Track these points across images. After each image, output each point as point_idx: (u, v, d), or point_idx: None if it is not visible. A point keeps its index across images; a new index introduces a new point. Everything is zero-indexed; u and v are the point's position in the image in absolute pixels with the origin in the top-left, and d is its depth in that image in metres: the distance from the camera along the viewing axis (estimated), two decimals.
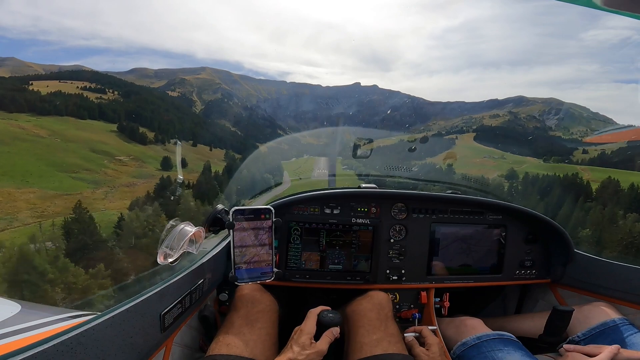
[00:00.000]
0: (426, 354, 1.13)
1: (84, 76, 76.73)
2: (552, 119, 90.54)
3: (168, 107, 72.43)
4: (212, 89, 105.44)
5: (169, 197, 34.29)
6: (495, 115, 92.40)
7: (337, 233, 1.50)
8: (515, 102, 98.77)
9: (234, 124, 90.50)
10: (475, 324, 1.32)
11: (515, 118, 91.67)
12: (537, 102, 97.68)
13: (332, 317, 1.05)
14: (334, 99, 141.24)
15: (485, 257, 1.64)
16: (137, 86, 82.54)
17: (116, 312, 0.74)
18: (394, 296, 1.57)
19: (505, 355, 1.11)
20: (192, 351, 1.19)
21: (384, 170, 2.37)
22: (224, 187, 37.26)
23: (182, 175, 40.17)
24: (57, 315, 1.05)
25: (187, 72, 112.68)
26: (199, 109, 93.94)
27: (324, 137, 7.98)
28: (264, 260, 1.06)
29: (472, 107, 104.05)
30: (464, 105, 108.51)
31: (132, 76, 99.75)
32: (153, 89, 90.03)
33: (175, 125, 59.04)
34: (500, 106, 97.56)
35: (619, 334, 1.19)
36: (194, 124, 67.01)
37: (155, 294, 0.87)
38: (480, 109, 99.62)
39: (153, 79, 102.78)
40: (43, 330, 0.93)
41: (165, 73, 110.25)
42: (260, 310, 1.13)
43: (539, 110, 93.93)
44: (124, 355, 0.76)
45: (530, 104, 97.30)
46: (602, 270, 1.48)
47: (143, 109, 61.01)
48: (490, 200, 1.63)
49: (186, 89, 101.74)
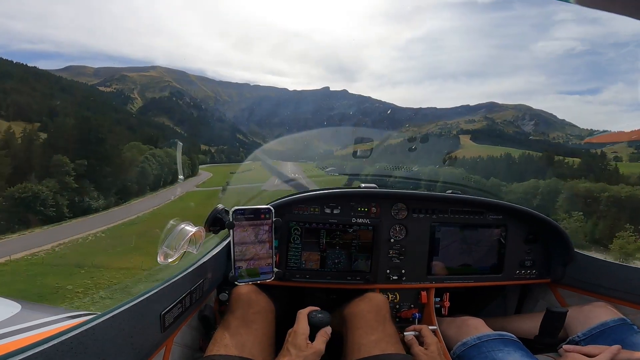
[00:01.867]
0: (425, 353, 1.13)
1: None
2: (527, 124, 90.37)
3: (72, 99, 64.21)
4: (158, 87, 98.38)
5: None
6: (471, 121, 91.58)
7: (337, 233, 1.50)
8: (488, 107, 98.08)
9: (177, 123, 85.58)
10: (476, 324, 1.31)
11: (493, 123, 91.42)
12: (509, 108, 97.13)
13: (322, 317, 1.06)
14: (302, 103, 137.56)
15: (486, 257, 1.64)
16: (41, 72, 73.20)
17: (116, 312, 0.74)
18: (394, 296, 1.57)
19: (506, 356, 1.11)
20: (192, 351, 1.19)
21: (379, 170, 2.37)
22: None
23: (182, 175, 40.02)
24: (57, 315, 1.06)
25: (132, 70, 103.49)
26: (138, 106, 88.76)
27: (291, 143, 7.91)
28: (264, 260, 1.06)
29: (444, 113, 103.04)
30: (436, 112, 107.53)
31: (66, 73, 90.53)
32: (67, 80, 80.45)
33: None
34: (473, 112, 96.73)
35: (619, 334, 1.19)
36: (117, 120, 61.49)
37: (155, 293, 0.87)
38: (454, 114, 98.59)
39: (91, 78, 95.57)
40: (43, 330, 0.94)
41: (107, 71, 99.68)
42: (256, 312, 1.14)
43: (512, 115, 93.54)
44: (124, 355, 0.76)
45: (503, 109, 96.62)
46: (602, 270, 1.48)
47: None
48: (491, 200, 1.63)
49: (126, 86, 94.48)
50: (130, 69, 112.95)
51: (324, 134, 9.72)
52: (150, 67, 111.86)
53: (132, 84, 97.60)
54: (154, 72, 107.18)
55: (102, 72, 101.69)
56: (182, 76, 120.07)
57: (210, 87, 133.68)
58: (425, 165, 3.49)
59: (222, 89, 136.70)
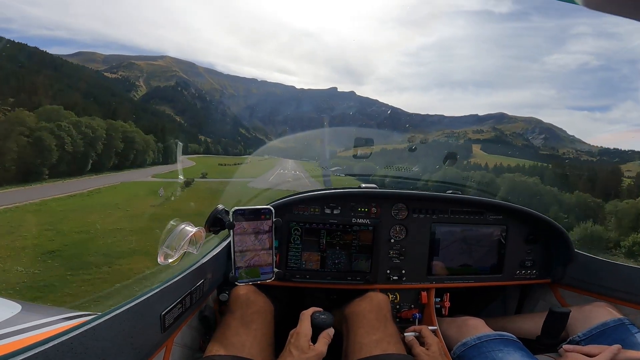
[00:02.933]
0: (426, 353, 1.13)
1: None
2: (537, 138, 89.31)
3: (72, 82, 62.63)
4: (165, 76, 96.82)
5: None
6: (479, 131, 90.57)
7: (338, 233, 1.50)
8: (497, 118, 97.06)
9: (178, 112, 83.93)
10: (476, 324, 1.31)
11: (502, 134, 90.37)
12: (518, 120, 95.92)
13: (325, 318, 1.05)
14: (308, 101, 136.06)
15: (486, 257, 1.64)
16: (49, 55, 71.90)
17: (116, 312, 0.74)
18: (395, 296, 1.57)
19: (506, 356, 1.11)
20: (192, 351, 1.19)
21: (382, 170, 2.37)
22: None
23: (182, 175, 39.69)
24: (57, 316, 1.05)
25: (141, 59, 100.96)
26: (142, 94, 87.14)
27: (292, 142, 7.71)
28: (264, 261, 1.06)
29: (451, 122, 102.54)
30: (443, 119, 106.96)
31: (76, 59, 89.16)
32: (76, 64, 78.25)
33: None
34: (482, 122, 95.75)
35: (619, 334, 1.19)
36: (117, 104, 59.65)
37: (155, 294, 0.87)
38: (461, 123, 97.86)
39: (100, 64, 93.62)
40: (43, 330, 0.93)
41: (116, 58, 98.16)
42: (255, 312, 1.15)
43: (521, 128, 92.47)
44: (124, 355, 0.76)
45: (512, 121, 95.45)
46: (602, 270, 1.48)
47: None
48: (491, 200, 1.62)
49: (132, 74, 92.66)
50: (140, 57, 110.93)
51: (328, 134, 9.63)
52: (159, 57, 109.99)
53: (139, 71, 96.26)
54: (162, 61, 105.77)
55: (111, 59, 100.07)
56: (191, 67, 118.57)
57: (217, 80, 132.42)
58: (425, 165, 3.49)
59: (229, 83, 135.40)
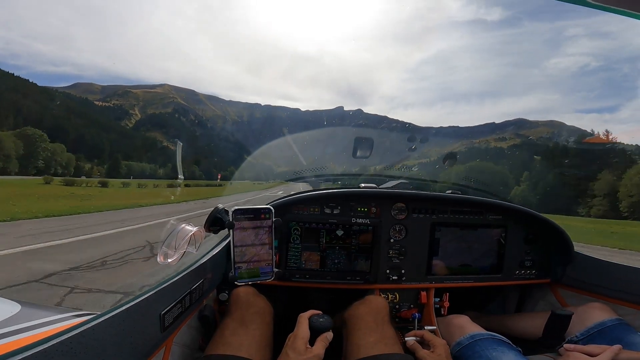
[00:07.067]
0: (432, 356, 1.13)
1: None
2: (568, 141, 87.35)
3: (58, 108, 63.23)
4: (162, 103, 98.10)
5: None
6: (501, 138, 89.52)
7: (337, 233, 1.50)
8: (517, 124, 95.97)
9: (170, 139, 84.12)
10: (462, 322, 1.32)
11: (527, 139, 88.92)
12: (539, 124, 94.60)
13: (323, 321, 1.05)
14: (315, 123, 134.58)
15: (485, 257, 1.64)
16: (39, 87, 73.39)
17: (116, 312, 0.74)
18: (394, 296, 1.57)
19: (500, 355, 1.11)
20: (192, 351, 1.19)
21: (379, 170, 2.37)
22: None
23: (182, 175, 40.16)
24: (57, 315, 1.06)
25: (140, 87, 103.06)
26: (135, 122, 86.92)
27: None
28: (264, 260, 1.06)
29: (468, 132, 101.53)
30: (459, 130, 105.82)
31: (72, 91, 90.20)
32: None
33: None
34: (501, 129, 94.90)
35: (616, 333, 1.19)
36: (98, 131, 61.22)
37: (155, 293, 0.87)
38: (479, 133, 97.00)
39: (96, 94, 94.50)
40: (43, 330, 0.94)
41: (113, 88, 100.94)
42: (254, 312, 1.16)
43: (547, 132, 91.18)
44: (124, 355, 0.76)
45: (534, 126, 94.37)
46: (602, 271, 1.48)
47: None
48: (491, 200, 1.63)
49: (127, 102, 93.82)
50: (138, 86, 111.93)
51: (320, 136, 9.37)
52: (158, 85, 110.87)
53: (134, 99, 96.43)
54: (160, 89, 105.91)
55: (109, 89, 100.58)
56: (191, 95, 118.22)
57: (219, 106, 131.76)
58: (425, 165, 3.47)
59: (231, 108, 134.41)
